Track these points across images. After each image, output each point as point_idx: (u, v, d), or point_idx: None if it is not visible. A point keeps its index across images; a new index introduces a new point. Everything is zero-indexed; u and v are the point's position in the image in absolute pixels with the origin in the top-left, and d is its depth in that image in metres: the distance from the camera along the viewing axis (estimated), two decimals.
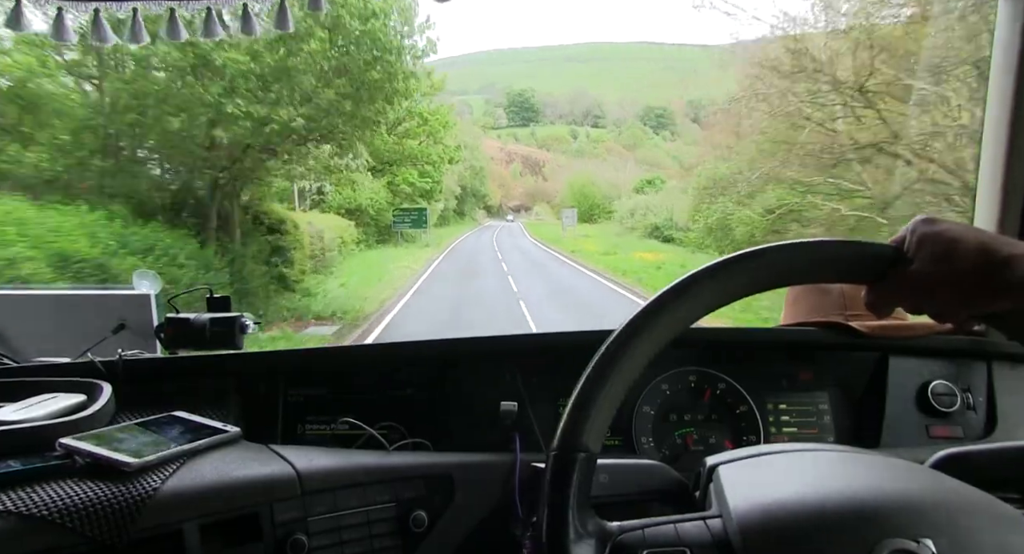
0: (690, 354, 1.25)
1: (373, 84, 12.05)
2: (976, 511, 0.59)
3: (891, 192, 9.51)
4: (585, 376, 0.64)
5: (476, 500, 1.02)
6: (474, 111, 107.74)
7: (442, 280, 17.37)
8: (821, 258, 0.66)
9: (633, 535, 0.63)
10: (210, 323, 1.19)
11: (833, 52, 10.69)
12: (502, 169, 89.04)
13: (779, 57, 11.64)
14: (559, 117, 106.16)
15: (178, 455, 0.88)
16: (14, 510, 0.72)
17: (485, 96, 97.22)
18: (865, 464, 0.70)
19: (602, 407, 0.63)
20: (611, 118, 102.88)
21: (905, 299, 0.64)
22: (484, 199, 69.44)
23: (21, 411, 0.92)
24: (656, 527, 0.63)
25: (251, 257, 11.87)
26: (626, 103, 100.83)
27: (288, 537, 0.87)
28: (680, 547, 0.61)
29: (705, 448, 1.22)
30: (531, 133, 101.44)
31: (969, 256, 0.59)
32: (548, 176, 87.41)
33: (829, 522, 0.58)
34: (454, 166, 35.07)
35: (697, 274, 0.65)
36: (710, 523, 0.63)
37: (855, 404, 1.27)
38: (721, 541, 0.61)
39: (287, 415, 1.17)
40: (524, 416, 1.14)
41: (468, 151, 51.35)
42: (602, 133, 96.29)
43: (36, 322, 1.34)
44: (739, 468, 0.71)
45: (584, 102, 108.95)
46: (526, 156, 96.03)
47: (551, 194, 79.13)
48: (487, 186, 69.89)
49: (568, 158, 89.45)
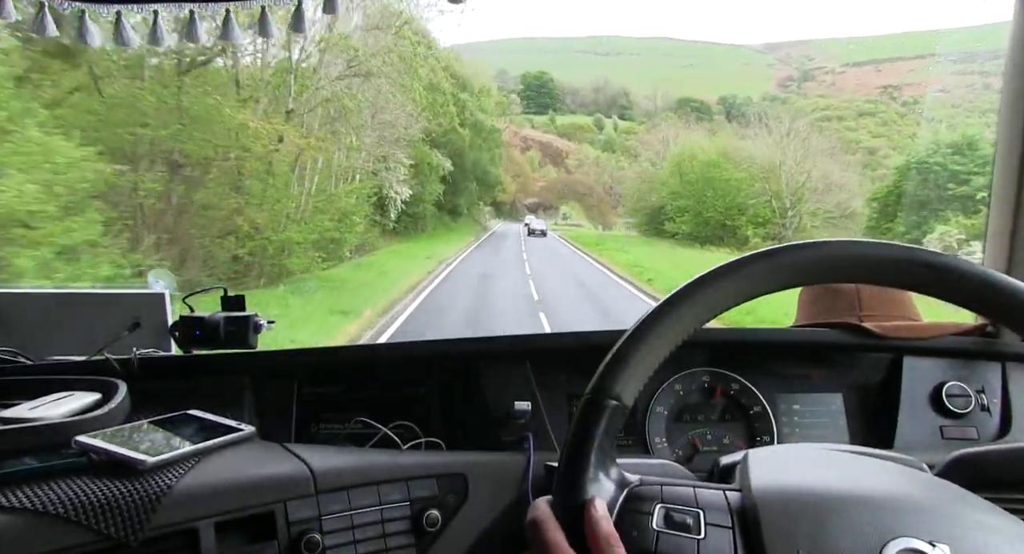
0: (704, 354, 1.25)
1: None
2: (993, 524, 0.58)
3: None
4: (630, 332, 0.63)
5: (490, 499, 1.02)
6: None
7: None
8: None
9: (651, 488, 0.63)
10: (224, 322, 1.20)
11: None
12: (516, 155, 68.99)
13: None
14: (580, 106, 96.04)
15: (193, 453, 0.88)
16: (30, 507, 0.73)
17: (497, 83, 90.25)
18: (885, 467, 0.70)
19: (641, 362, 0.62)
20: (640, 109, 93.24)
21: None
22: (494, 190, 46.81)
23: (37, 409, 0.93)
24: (675, 487, 0.63)
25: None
26: (657, 94, 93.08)
27: (302, 536, 0.87)
28: (696, 508, 0.61)
29: (719, 448, 1.21)
30: (550, 120, 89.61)
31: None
32: (572, 169, 71.06)
33: (845, 511, 0.58)
34: (428, 92, 20.73)
35: (758, 254, 0.65)
36: (729, 494, 0.63)
37: (869, 405, 1.26)
38: (737, 509, 0.60)
39: (301, 414, 1.17)
40: (538, 416, 1.14)
41: (472, 100, 33.19)
42: (631, 125, 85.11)
43: (51, 320, 1.35)
44: (768, 453, 0.71)
45: (609, 91, 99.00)
46: (546, 144, 79.77)
47: (579, 190, 61.46)
48: (498, 170, 45.35)
49: (596, 150, 77.15)
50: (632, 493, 0.62)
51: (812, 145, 28.91)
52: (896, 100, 66.99)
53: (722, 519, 0.60)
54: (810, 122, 67.79)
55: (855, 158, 57.95)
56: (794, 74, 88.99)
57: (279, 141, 12.86)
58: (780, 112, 37.68)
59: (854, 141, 62.19)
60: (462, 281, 16.20)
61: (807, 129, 30.99)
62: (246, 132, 12.02)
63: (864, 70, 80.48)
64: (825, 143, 31.09)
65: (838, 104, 72.60)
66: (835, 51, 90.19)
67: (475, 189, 37.60)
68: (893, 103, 66.65)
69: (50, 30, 0.96)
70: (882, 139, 57.79)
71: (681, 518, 0.60)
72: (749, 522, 0.59)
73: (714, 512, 0.60)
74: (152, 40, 1.00)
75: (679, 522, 0.59)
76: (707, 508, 0.60)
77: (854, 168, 33.84)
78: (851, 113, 69.32)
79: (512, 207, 59.48)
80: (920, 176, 21.06)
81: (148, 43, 1.01)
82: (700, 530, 0.59)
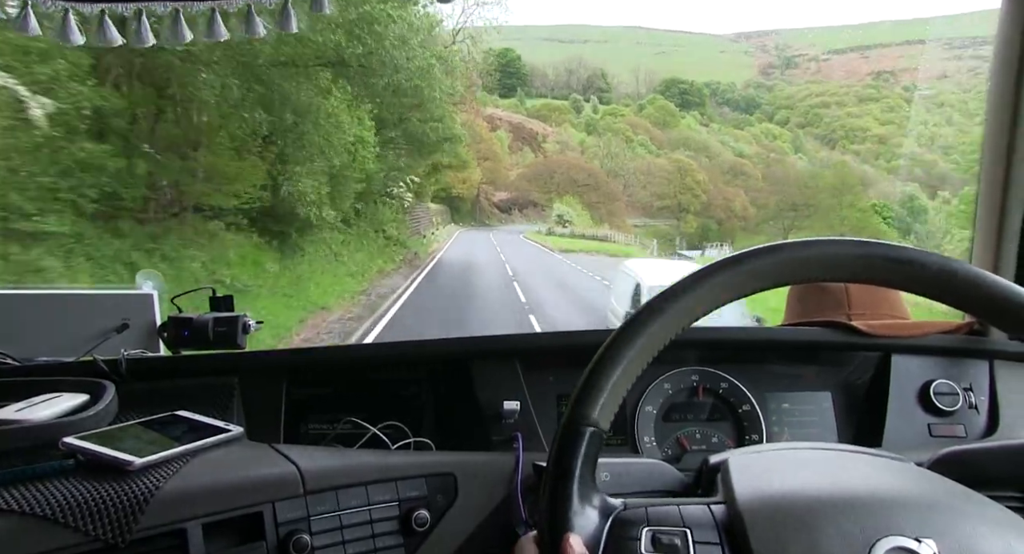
0: (692, 353, 1.25)
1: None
2: (980, 515, 0.59)
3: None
4: (600, 353, 0.63)
5: (479, 499, 1.02)
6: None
7: None
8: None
9: (635, 512, 0.63)
10: (213, 323, 1.20)
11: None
12: (483, 130, 49.95)
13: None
14: (550, 90, 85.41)
15: (181, 454, 0.88)
16: (17, 509, 0.73)
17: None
18: (871, 464, 0.70)
19: (615, 383, 0.62)
20: (621, 92, 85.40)
21: None
22: (442, 172, 28.16)
23: (24, 410, 0.93)
24: (659, 507, 0.63)
25: None
26: (639, 75, 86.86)
27: (291, 536, 0.87)
28: (682, 527, 0.61)
29: (707, 447, 1.22)
30: (518, 101, 75.77)
31: None
32: (553, 155, 55.56)
33: (832, 515, 0.58)
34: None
35: (721, 262, 0.65)
36: (714, 508, 0.63)
37: (857, 403, 1.27)
38: (723, 524, 0.61)
39: (290, 414, 1.17)
40: (527, 415, 1.14)
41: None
42: (615, 107, 75.12)
43: (39, 321, 1.34)
44: (748, 460, 0.71)
45: (582, 73, 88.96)
46: (517, 125, 65.00)
47: (578, 179, 43.58)
48: (454, 128, 21.25)
49: (580, 133, 64.01)
50: (617, 519, 0.62)
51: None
52: (898, 84, 65.70)
53: (709, 536, 0.60)
54: (806, 108, 65.64)
55: (864, 148, 55.55)
56: (774, 61, 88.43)
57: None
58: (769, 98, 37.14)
59: (860, 128, 60.73)
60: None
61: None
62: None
63: (849, 57, 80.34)
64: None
65: (835, 89, 71.44)
66: (812, 40, 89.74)
67: (404, 161, 19.97)
68: (897, 87, 65.14)
69: (32, 29, 0.96)
70: (891, 126, 56.36)
71: (669, 539, 0.60)
72: (736, 536, 0.59)
73: (701, 530, 0.61)
74: (136, 39, 0.99)
75: (667, 544, 0.60)
76: (693, 526, 0.61)
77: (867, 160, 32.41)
78: (851, 99, 68.05)
79: (476, 206, 40.95)
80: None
81: (133, 43, 1.00)
82: (689, 550, 0.59)
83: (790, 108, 72.66)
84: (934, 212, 30.29)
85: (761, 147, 61.88)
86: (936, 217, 28.23)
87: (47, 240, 7.76)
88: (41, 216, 7.67)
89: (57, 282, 7.55)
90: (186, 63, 10.47)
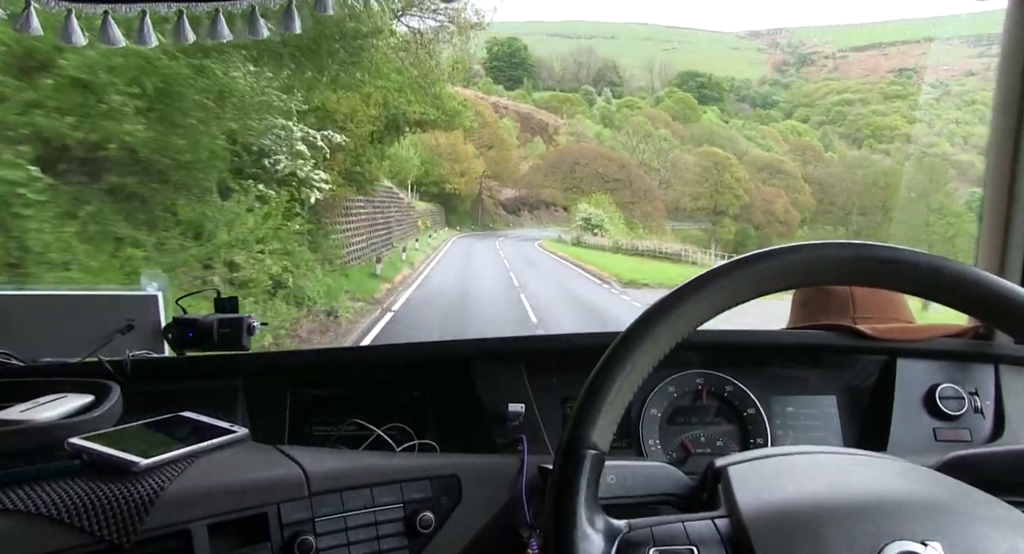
0: (697, 356, 1.25)
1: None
2: (985, 516, 0.59)
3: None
4: (594, 374, 0.63)
5: (483, 501, 1.02)
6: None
7: None
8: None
9: (641, 533, 0.63)
10: (218, 324, 1.20)
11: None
12: (487, 114, 42.89)
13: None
14: (559, 83, 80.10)
15: (186, 455, 0.88)
16: (23, 509, 0.73)
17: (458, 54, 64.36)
18: (874, 467, 0.70)
19: (612, 402, 0.62)
20: (634, 86, 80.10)
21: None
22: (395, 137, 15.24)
23: (29, 411, 0.93)
24: (664, 525, 0.63)
25: None
26: (654, 68, 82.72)
27: (296, 538, 0.87)
28: (688, 546, 0.61)
29: (712, 450, 1.21)
30: (525, 92, 69.37)
31: None
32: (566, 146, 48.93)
33: (837, 521, 0.58)
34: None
35: (716, 270, 0.65)
36: (718, 522, 0.63)
37: (862, 407, 1.26)
38: (729, 540, 0.61)
39: (294, 416, 1.17)
40: (531, 418, 1.14)
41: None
42: (631, 99, 69.42)
43: (44, 322, 1.34)
44: (747, 469, 0.71)
45: (594, 65, 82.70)
46: (525, 115, 57.76)
47: (608, 173, 35.37)
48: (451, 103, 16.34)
49: (596, 125, 58.22)
50: (624, 541, 0.62)
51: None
52: (922, 81, 63.65)
53: (716, 552, 0.60)
54: (828, 106, 62.99)
55: (892, 147, 52.87)
56: (789, 59, 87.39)
57: None
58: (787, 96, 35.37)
59: (887, 127, 58.73)
60: None
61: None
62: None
63: (868, 54, 79.24)
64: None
65: (857, 86, 69.06)
66: (825, 37, 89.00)
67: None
68: (923, 84, 62.98)
69: (35, 28, 0.96)
70: (921, 125, 54.67)
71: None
72: (743, 550, 0.59)
73: (707, 546, 0.61)
74: (139, 40, 1.00)
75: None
76: (699, 544, 0.61)
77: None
78: (875, 96, 66.06)
79: (477, 205, 33.58)
80: None
81: (135, 42, 1.00)
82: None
83: (810, 106, 70.30)
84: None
85: (789, 144, 57.92)
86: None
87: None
88: None
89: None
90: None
